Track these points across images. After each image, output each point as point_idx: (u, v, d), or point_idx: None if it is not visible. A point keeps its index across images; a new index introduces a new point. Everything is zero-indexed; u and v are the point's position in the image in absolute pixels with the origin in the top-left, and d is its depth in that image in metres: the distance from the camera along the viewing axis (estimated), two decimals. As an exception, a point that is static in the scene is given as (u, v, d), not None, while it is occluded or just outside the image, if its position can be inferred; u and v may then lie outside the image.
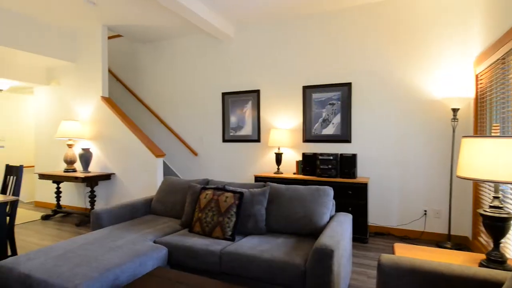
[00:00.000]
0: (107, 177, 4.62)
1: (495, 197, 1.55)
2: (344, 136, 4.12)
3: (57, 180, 4.58)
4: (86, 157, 4.64)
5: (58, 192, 4.86)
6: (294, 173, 4.26)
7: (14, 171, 3.08)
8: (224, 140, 4.94)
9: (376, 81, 3.96)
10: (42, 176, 4.71)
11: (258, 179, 4.18)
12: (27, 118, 6.43)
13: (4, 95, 6.06)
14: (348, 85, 4.08)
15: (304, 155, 4.01)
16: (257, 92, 4.68)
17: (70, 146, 4.82)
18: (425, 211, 3.77)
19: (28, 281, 1.76)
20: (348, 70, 4.10)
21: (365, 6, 3.98)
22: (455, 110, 3.41)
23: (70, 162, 4.75)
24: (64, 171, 4.69)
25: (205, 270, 2.24)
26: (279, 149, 4.34)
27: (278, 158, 4.26)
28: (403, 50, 3.81)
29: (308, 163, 3.99)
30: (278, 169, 4.28)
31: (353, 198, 3.64)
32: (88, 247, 2.16)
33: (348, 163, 3.75)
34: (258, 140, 4.68)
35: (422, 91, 3.75)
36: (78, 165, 5.07)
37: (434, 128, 3.71)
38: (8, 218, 2.87)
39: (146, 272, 2.06)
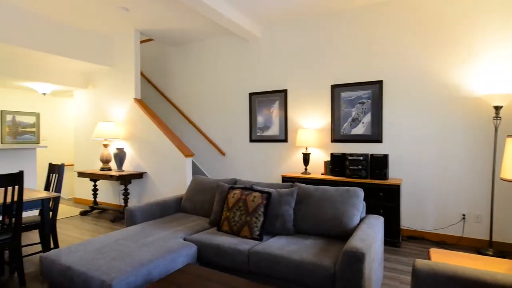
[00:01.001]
0: (139, 175, 4.81)
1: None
2: (375, 135, 3.99)
3: (94, 178, 4.84)
4: (120, 156, 4.86)
5: (95, 190, 5.13)
6: (322, 174, 4.19)
7: (56, 169, 3.29)
8: (251, 140, 4.96)
9: (409, 78, 3.80)
10: (81, 174, 5.00)
11: (285, 179, 4.15)
12: (67, 119, 6.85)
13: (47, 98, 6.50)
14: (379, 83, 3.94)
15: (332, 155, 3.93)
16: (284, 92, 4.66)
17: (105, 146, 5.08)
18: (464, 215, 3.55)
19: (69, 273, 1.87)
20: (379, 68, 3.97)
21: None
22: (497, 108, 3.18)
23: (105, 161, 5.00)
24: (100, 170, 4.94)
25: (233, 269, 2.27)
26: (306, 149, 4.29)
27: (306, 158, 4.21)
28: (441, 44, 3.62)
29: (337, 163, 3.90)
30: (306, 169, 4.23)
31: (385, 200, 3.51)
32: (123, 242, 2.26)
33: (379, 164, 3.62)
34: (285, 140, 4.66)
35: (461, 87, 3.53)
36: (113, 164, 5.33)
37: (473, 127, 3.49)
38: (51, 213, 3.07)
39: (177, 268, 2.11)
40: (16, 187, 2.95)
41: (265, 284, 1.75)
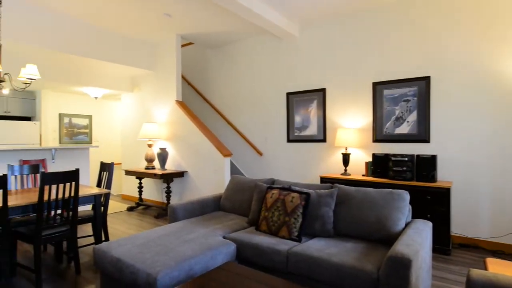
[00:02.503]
0: (180, 174, 5.01)
1: None
2: (421, 135, 3.75)
3: (139, 176, 5.13)
4: (163, 156, 5.10)
5: (140, 187, 5.44)
6: (363, 175, 4.03)
7: (106, 168, 3.54)
8: (289, 140, 4.93)
9: (462, 72, 3.51)
10: (128, 172, 5.33)
11: (324, 180, 4.06)
12: (116, 121, 7.35)
13: (98, 102, 7.03)
14: (426, 79, 3.70)
15: (374, 155, 3.77)
16: (322, 91, 4.56)
17: (149, 146, 5.36)
18: (526, 223, 3.20)
19: (119, 264, 2.00)
20: (426, 63, 3.72)
21: (447, -10, 3.56)
22: None
23: (149, 160, 5.28)
24: (145, 168, 5.23)
25: (271, 269, 2.27)
26: (346, 149, 4.16)
27: (346, 158, 4.08)
28: (499, 35, 3.30)
29: (379, 164, 3.73)
30: (346, 170, 4.10)
31: (433, 204, 3.28)
32: (166, 238, 2.37)
33: (426, 165, 3.40)
34: (323, 140, 4.56)
35: (522, 82, 3.19)
36: (156, 163, 5.61)
37: (538, 125, 3.13)
38: (102, 208, 3.31)
39: (216, 265, 2.16)
40: (73, 183, 3.21)
41: (304, 286, 1.73)
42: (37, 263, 2.52)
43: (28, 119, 6.37)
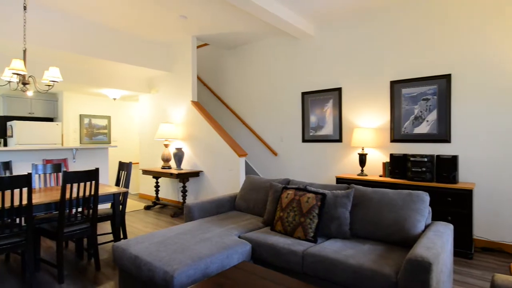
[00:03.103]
0: (196, 174, 5.06)
1: None
2: (442, 135, 3.64)
3: (156, 175, 5.23)
4: (179, 155, 5.18)
5: (157, 186, 5.54)
6: (380, 176, 3.95)
7: (125, 167, 3.62)
8: (304, 140, 4.89)
9: (485, 69, 3.39)
10: (145, 172, 5.44)
11: (340, 180, 4.01)
12: (133, 121, 7.51)
13: (117, 103, 7.20)
14: (447, 77, 3.59)
15: (392, 156, 3.69)
16: (338, 90, 4.50)
17: (166, 146, 5.45)
18: (555, 227, 3.05)
19: (137, 261, 2.05)
20: (447, 60, 3.61)
21: (469, -15, 3.44)
22: None
23: (166, 160, 5.37)
24: (162, 168, 5.32)
25: (286, 269, 2.26)
26: (363, 149, 4.09)
27: (362, 159, 4.01)
28: (522, 31, 3.16)
29: (397, 165, 3.65)
30: (362, 170, 4.03)
31: (454, 206, 3.18)
32: (182, 236, 2.40)
33: (447, 166, 3.30)
34: (339, 140, 4.50)
35: (550, 79, 3.04)
36: (172, 163, 5.70)
37: None
38: (120, 206, 3.39)
39: (232, 264, 2.17)
40: (93, 182, 3.31)
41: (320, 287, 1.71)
42: (59, 259, 2.61)
43: (50, 120, 6.60)
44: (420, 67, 3.80)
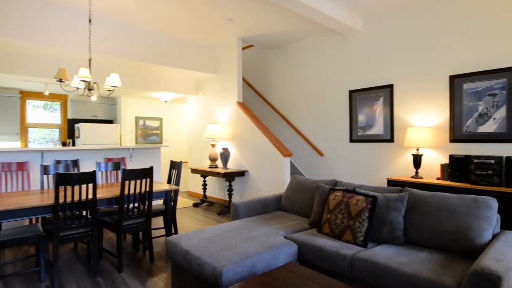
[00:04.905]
0: (241, 173, 5.16)
1: None
2: (512, 134, 3.25)
3: (203, 174, 5.43)
4: (225, 155, 5.31)
5: (204, 185, 5.75)
6: (437, 178, 3.65)
7: (176, 166, 3.81)
8: (352, 140, 4.71)
9: None
10: (193, 171, 5.68)
11: (391, 183, 3.79)
12: (182, 122, 7.89)
13: (168, 105, 7.63)
14: (519, 69, 3.20)
15: (452, 157, 3.38)
16: (389, 87, 4.25)
17: (213, 146, 5.63)
18: None
19: (188, 256, 2.14)
20: (519, 50, 3.21)
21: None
22: None
23: (213, 159, 5.54)
24: (209, 167, 5.51)
25: (334, 273, 2.19)
26: (417, 150, 3.81)
27: (417, 160, 3.74)
28: None
29: (457, 167, 3.34)
30: (417, 173, 3.76)
31: (528, 214, 2.82)
32: (229, 234, 2.45)
33: (518, 169, 2.93)
34: (391, 140, 4.25)
35: None
36: (219, 162, 5.87)
37: None
38: (172, 203, 3.58)
39: (278, 265, 2.17)
40: (148, 179, 3.54)
41: (372, 295, 1.63)
42: (119, 249, 2.83)
43: (110, 122, 7.22)
44: (485, 59, 3.43)
